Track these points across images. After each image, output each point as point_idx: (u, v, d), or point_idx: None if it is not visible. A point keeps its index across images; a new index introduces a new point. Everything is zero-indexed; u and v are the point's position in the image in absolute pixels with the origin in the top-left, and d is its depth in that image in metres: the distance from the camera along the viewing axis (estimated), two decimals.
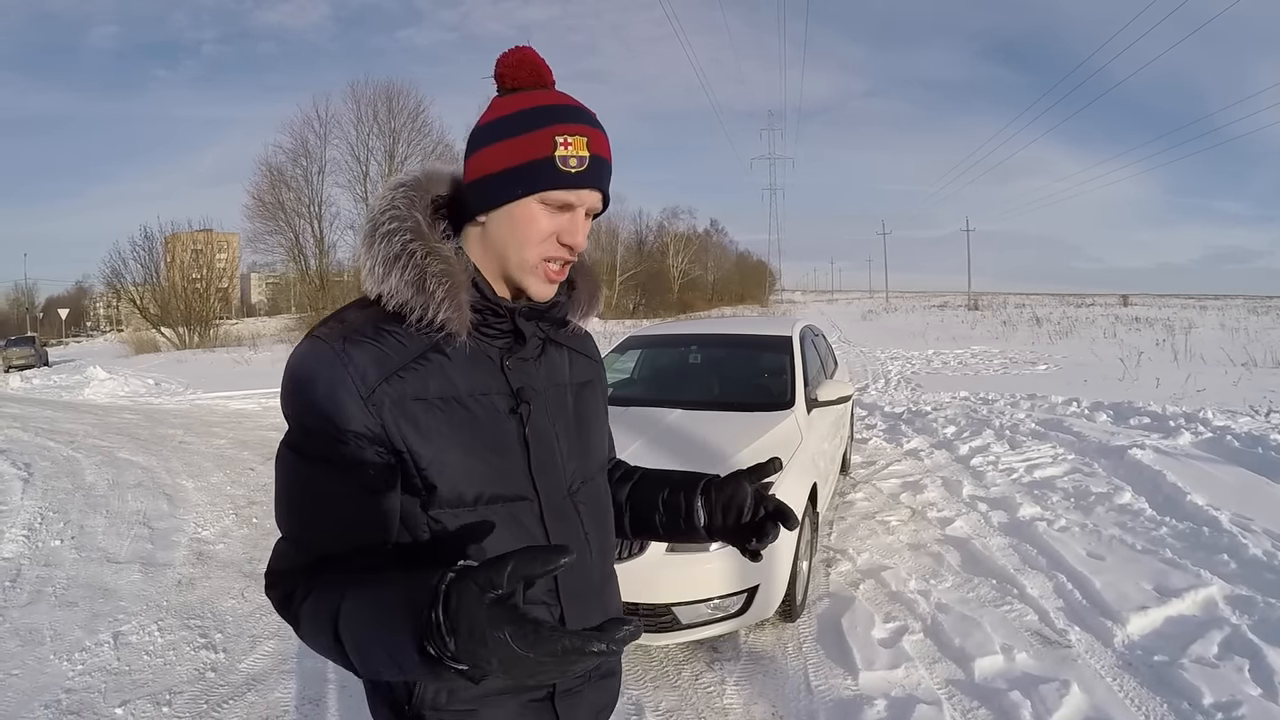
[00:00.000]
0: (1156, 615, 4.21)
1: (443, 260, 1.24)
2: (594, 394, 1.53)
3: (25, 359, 37.17)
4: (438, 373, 1.24)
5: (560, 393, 1.41)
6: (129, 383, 21.33)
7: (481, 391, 1.28)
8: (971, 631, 4.13)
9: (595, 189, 1.26)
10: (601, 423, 1.56)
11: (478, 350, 1.29)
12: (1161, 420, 9.28)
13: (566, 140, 1.23)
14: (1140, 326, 27.30)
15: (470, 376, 1.27)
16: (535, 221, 1.24)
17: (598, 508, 1.46)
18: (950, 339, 26.22)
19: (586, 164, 1.23)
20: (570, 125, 1.24)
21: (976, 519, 6.14)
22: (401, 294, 1.22)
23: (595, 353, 1.61)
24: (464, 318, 1.24)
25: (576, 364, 1.50)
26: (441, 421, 1.23)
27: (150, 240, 45.00)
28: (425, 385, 1.23)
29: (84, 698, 3.96)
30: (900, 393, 13.93)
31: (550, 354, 1.42)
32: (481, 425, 1.26)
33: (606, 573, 1.47)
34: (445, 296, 1.22)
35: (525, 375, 1.33)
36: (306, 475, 1.22)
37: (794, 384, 5.62)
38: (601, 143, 1.27)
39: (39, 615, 5.02)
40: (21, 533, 6.80)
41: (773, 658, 4.15)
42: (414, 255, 1.23)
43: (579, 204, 1.25)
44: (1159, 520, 5.74)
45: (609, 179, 1.30)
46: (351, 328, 1.23)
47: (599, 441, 1.52)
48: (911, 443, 9.05)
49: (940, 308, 52.90)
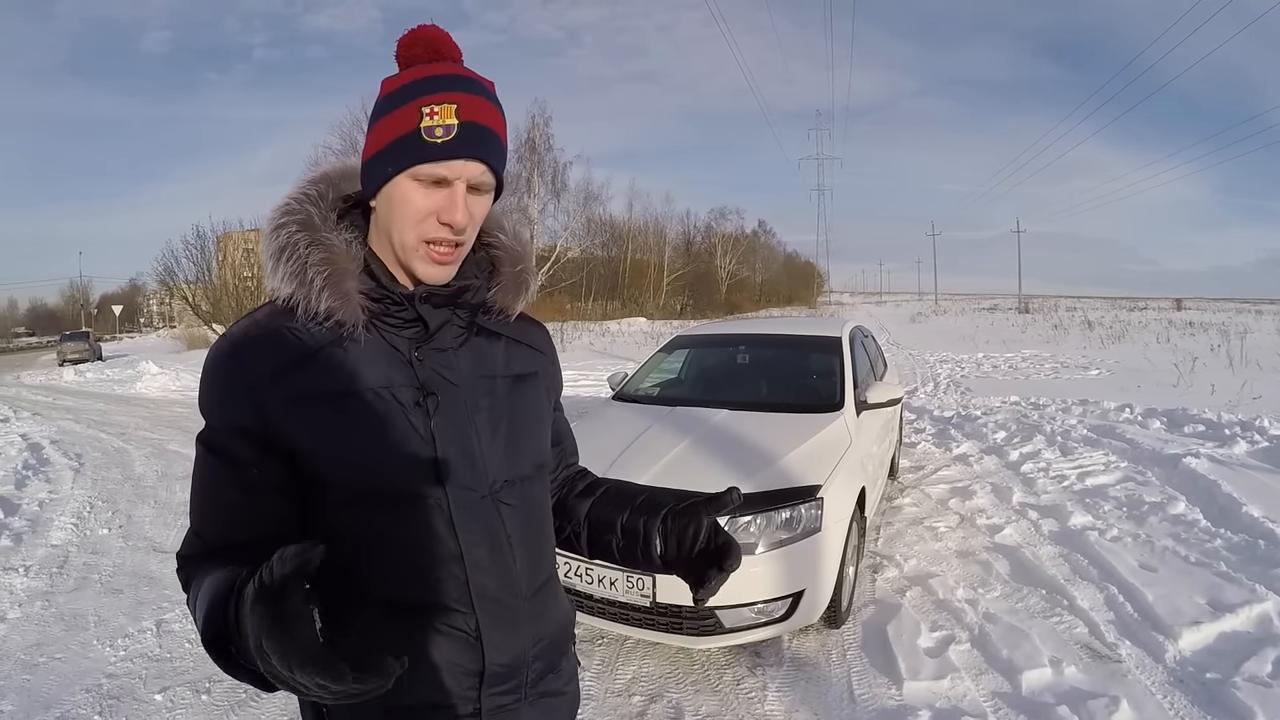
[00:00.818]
0: (1210, 630, 4.12)
1: (325, 249, 1.22)
2: (534, 387, 1.44)
3: (79, 353, 38.11)
4: (336, 368, 1.21)
5: (488, 385, 1.34)
6: (180, 377, 21.65)
7: (384, 385, 1.23)
8: (1020, 643, 4.07)
9: (470, 158, 1.18)
10: (540, 419, 1.46)
11: (382, 342, 1.25)
12: (1217, 428, 9.09)
13: (432, 110, 1.17)
14: (1194, 331, 26.78)
15: (374, 370, 1.23)
16: (409, 200, 1.19)
17: (528, 511, 1.37)
18: (1000, 342, 25.91)
19: (454, 132, 1.16)
20: (437, 95, 1.18)
21: (1026, 527, 6.05)
22: (286, 287, 1.21)
23: (544, 344, 1.53)
24: (352, 307, 1.21)
25: (515, 355, 1.42)
26: (336, 418, 1.20)
27: (202, 239, 45.38)
28: (320, 381, 1.20)
29: (125, 683, 4.05)
30: (950, 396, 13.77)
31: (477, 344, 1.35)
32: (380, 421, 1.22)
33: (538, 581, 1.38)
34: (324, 285, 1.19)
35: (439, 366, 1.28)
36: (201, 468, 1.23)
37: (843, 386, 5.56)
38: (477, 108, 1.19)
39: (84, 601, 5.14)
40: (71, 521, 6.98)
41: (816, 664, 4.11)
42: (297, 247, 1.21)
43: (452, 176, 1.18)
44: (1213, 532, 5.62)
45: (493, 147, 1.21)
46: (253, 324, 1.23)
47: (535, 439, 1.42)
48: (961, 447, 8.94)
49: (990, 310, 52.34)
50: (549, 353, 1.54)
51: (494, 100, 1.23)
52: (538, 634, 1.36)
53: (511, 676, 1.32)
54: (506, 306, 1.40)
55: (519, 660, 1.32)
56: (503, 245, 1.40)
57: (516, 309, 1.42)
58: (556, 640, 1.43)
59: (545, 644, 1.38)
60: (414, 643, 1.23)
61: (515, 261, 1.41)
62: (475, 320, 1.36)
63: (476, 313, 1.36)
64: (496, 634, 1.28)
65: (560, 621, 1.45)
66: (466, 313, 1.34)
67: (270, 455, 1.20)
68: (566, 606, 1.50)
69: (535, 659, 1.36)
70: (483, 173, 1.21)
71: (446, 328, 1.30)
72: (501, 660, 1.29)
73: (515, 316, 1.44)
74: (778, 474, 4.20)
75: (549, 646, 1.40)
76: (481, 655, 1.27)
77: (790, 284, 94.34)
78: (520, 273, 1.41)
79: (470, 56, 1.27)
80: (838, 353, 5.98)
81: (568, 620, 1.50)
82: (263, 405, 1.19)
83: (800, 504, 3.97)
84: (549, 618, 1.40)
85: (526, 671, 1.34)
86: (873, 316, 47.26)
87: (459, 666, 1.26)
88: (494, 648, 1.28)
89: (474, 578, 1.26)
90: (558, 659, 1.44)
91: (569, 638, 1.50)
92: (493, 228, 1.41)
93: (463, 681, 1.27)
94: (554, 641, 1.42)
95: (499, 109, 1.24)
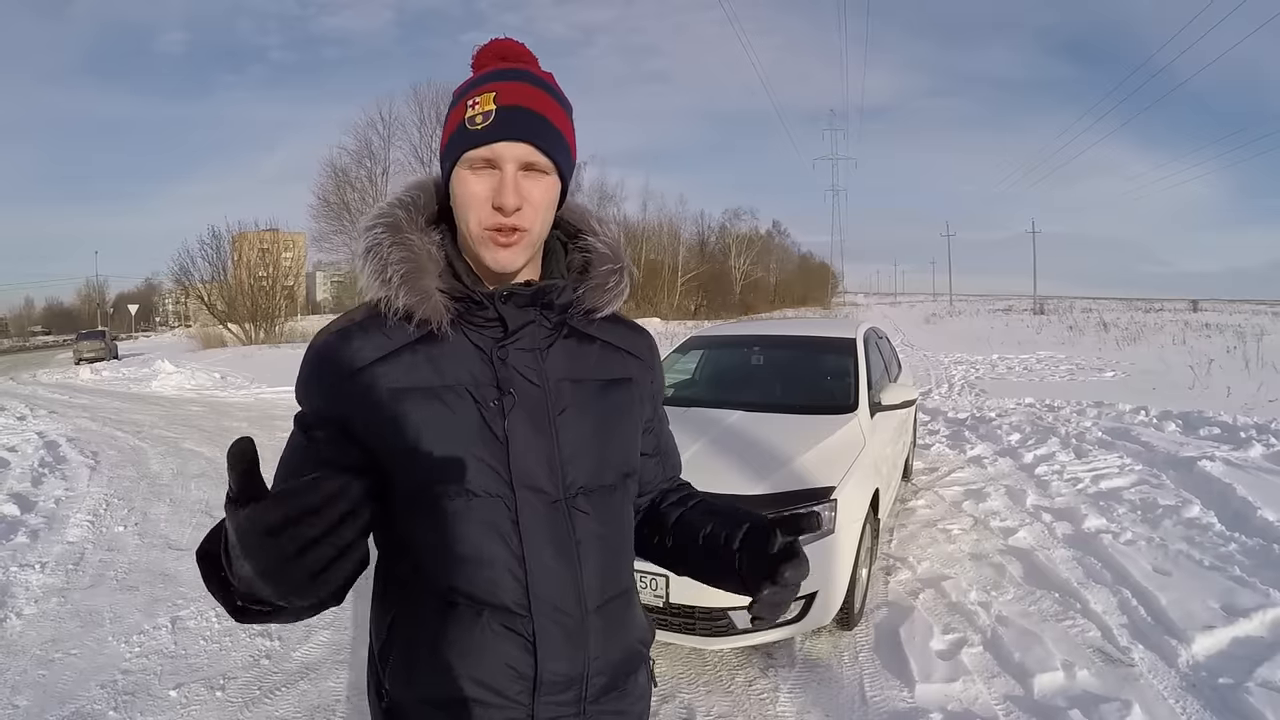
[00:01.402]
0: (1223, 635, 4.10)
1: (406, 249, 1.25)
2: (626, 394, 1.42)
3: (95, 352, 38.33)
4: (417, 364, 1.24)
5: (574, 388, 1.33)
6: (195, 376, 21.75)
7: (463, 382, 1.25)
8: (1032, 646, 4.06)
9: (509, 139, 1.21)
10: (629, 427, 1.43)
11: (467, 341, 1.27)
12: (1232, 431, 9.03)
13: (474, 101, 1.22)
14: (1210, 333, 26.59)
15: (455, 367, 1.26)
16: (465, 188, 1.23)
17: (605, 520, 1.34)
18: (1015, 344, 25.78)
19: (492, 117, 1.20)
20: (479, 88, 1.24)
21: (1040, 530, 6.04)
22: (371, 287, 1.25)
23: (644, 351, 1.50)
24: (433, 305, 1.24)
25: (609, 359, 1.41)
26: (411, 411, 1.22)
27: (218, 239, 45.88)
28: (400, 376, 1.23)
29: (140, 679, 4.09)
30: (964, 398, 13.74)
31: (568, 345, 1.35)
32: (455, 416, 1.24)
33: (608, 594, 1.35)
34: (401, 283, 1.22)
35: (522, 366, 1.28)
36: (288, 443, 1.27)
37: (857, 387, 5.57)
38: (517, 92, 1.23)
39: (100, 598, 5.18)
40: (87, 518, 7.03)
41: (828, 666, 4.12)
42: (380, 247, 1.25)
43: (496, 158, 1.21)
44: (1228, 536, 5.60)
45: (537, 127, 1.23)
46: (346, 322, 1.29)
47: (622, 447, 1.40)
48: (975, 449, 8.95)
49: (1005, 311, 52.10)
50: (648, 360, 1.51)
51: (540, 85, 1.26)
52: (602, 648, 1.33)
53: (568, 687, 1.29)
54: (596, 307, 1.38)
55: (577, 672, 1.30)
56: (593, 245, 1.39)
57: (606, 310, 1.40)
58: (625, 657, 1.40)
59: (611, 660, 1.35)
60: (469, 638, 1.25)
61: (606, 261, 1.39)
62: (566, 321, 1.36)
63: (565, 313, 1.35)
64: (553, 642, 1.27)
65: (631, 639, 1.42)
66: (554, 313, 1.33)
67: (348, 442, 1.23)
68: (642, 624, 1.47)
69: (597, 673, 1.33)
70: (529, 152, 1.22)
71: (531, 328, 1.30)
72: (557, 669, 1.28)
73: (616, 321, 1.44)
74: (792, 475, 4.21)
75: (616, 663, 1.37)
76: (535, 660, 1.26)
77: (805, 285, 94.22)
78: (610, 273, 1.39)
79: None
80: (852, 354, 5.98)
81: (641, 639, 1.46)
82: (345, 397, 1.24)
83: (814, 505, 3.97)
84: (617, 633, 1.37)
85: (585, 685, 1.31)
86: (887, 317, 47.15)
87: (512, 669, 1.26)
88: (550, 655, 1.27)
89: (534, 582, 1.25)
90: (624, 677, 1.39)
91: (641, 657, 1.46)
92: (583, 227, 1.42)
93: (515, 684, 1.26)
94: (623, 658, 1.39)
95: (547, 93, 1.26)
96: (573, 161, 1.31)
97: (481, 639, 1.25)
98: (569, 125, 1.29)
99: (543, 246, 1.34)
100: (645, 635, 1.48)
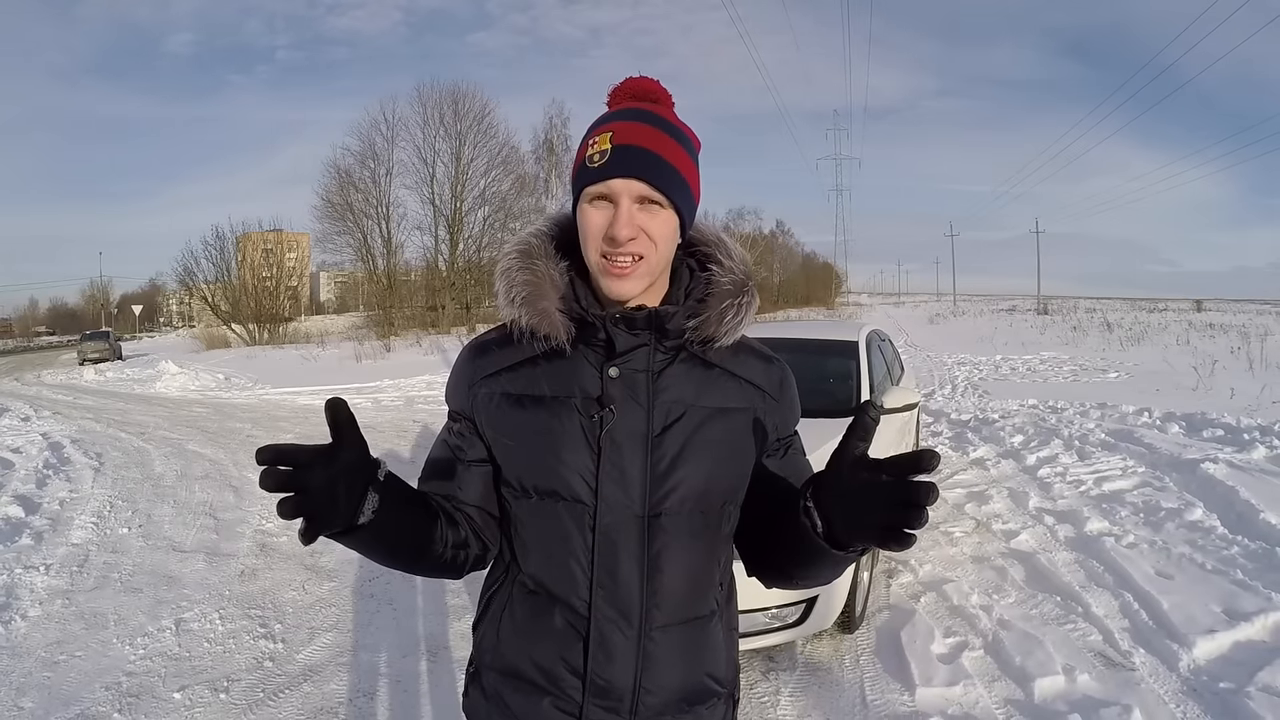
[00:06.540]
0: (1224, 639, 4.10)
1: (531, 273, 1.37)
2: (737, 423, 1.41)
3: (99, 352, 38.42)
4: (534, 375, 1.39)
5: (680, 411, 1.37)
6: (199, 377, 21.84)
7: (569, 394, 1.36)
8: (1033, 650, 4.06)
9: (621, 176, 1.28)
10: (738, 456, 1.42)
11: (583, 359, 1.38)
12: (1236, 433, 9.00)
13: (593, 141, 1.32)
14: (1214, 333, 26.49)
15: (565, 380, 1.37)
16: (586, 221, 1.32)
17: (691, 543, 1.38)
18: (1019, 344, 25.70)
19: (607, 155, 1.29)
20: (600, 127, 1.34)
21: (1042, 532, 6.04)
22: (501, 308, 1.40)
23: (768, 382, 1.48)
24: (552, 323, 1.35)
25: (725, 387, 1.42)
26: (519, 416, 1.38)
27: (222, 239, 45.83)
28: (518, 384, 1.39)
29: (144, 681, 4.11)
30: (967, 399, 13.73)
31: (682, 370, 1.39)
32: (555, 423, 1.35)
33: (679, 617, 1.38)
34: (523, 304, 1.36)
35: (629, 385, 1.36)
36: (444, 426, 1.51)
37: (859, 390, 5.58)
38: (633, 132, 1.31)
39: (104, 600, 5.20)
40: (91, 520, 7.05)
41: (829, 670, 4.13)
42: (511, 271, 1.38)
43: (611, 194, 1.29)
44: (1230, 539, 5.59)
45: (650, 165, 1.30)
46: (485, 336, 1.49)
47: (725, 475, 1.41)
48: (978, 451, 8.95)
49: (1009, 312, 51.90)
50: (771, 390, 1.48)
51: (659, 124, 1.34)
52: (660, 669, 1.37)
53: (617, 697, 1.35)
54: (712, 335, 1.40)
55: (626, 684, 1.35)
56: (715, 278, 1.42)
57: (724, 340, 1.41)
58: (689, 686, 1.41)
59: (668, 684, 1.38)
60: (538, 624, 1.39)
61: (726, 297, 1.40)
62: (684, 347, 1.41)
63: (682, 339, 1.40)
64: (607, 648, 1.34)
65: (700, 670, 1.42)
66: (669, 338, 1.39)
67: (475, 437, 1.44)
68: (722, 661, 1.47)
69: (650, 693, 1.36)
70: (641, 188, 1.29)
71: (643, 350, 1.37)
72: (606, 675, 1.34)
73: (744, 349, 1.48)
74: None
75: (674, 689, 1.38)
76: (585, 660, 1.35)
77: (808, 285, 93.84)
78: (729, 307, 1.40)
79: (494, 57, 1.37)
80: (854, 357, 6.00)
81: (715, 674, 1.45)
82: (474, 398, 1.43)
83: None
84: (682, 659, 1.39)
85: (635, 700, 1.35)
86: (891, 318, 47.09)
87: (566, 663, 1.36)
88: (601, 660, 1.34)
89: (599, 589, 1.34)
90: (686, 706, 1.40)
91: (712, 692, 1.44)
92: (713, 256, 1.45)
93: (569, 678, 1.36)
94: (686, 686, 1.40)
95: (665, 132, 1.34)
96: (692, 195, 1.38)
97: (549, 627, 1.37)
98: (688, 161, 1.36)
99: (668, 271, 1.42)
100: (723, 673, 1.47)
